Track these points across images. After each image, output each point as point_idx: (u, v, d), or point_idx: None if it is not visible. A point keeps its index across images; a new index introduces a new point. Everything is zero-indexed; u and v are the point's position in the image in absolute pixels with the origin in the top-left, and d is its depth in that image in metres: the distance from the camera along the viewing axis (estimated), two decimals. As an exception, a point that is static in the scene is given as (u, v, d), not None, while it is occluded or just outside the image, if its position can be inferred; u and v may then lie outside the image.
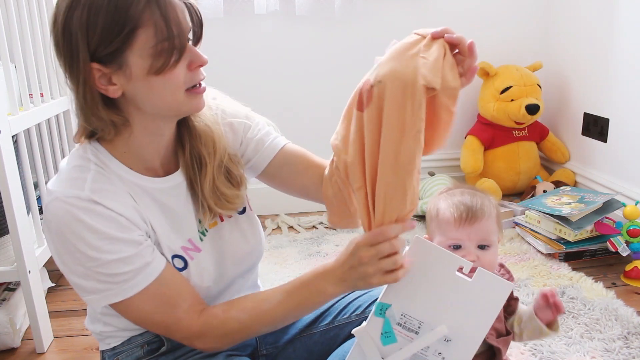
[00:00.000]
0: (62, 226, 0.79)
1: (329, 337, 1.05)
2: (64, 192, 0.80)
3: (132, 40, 0.75)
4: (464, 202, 0.95)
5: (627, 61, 2.00)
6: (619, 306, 1.53)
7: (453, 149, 2.52)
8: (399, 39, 0.86)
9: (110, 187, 0.83)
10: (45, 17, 1.69)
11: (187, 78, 0.81)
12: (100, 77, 0.78)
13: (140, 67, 0.77)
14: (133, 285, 0.82)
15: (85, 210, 0.79)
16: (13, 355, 1.44)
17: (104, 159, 0.85)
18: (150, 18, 0.75)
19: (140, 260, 0.82)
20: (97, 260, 0.80)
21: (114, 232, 0.80)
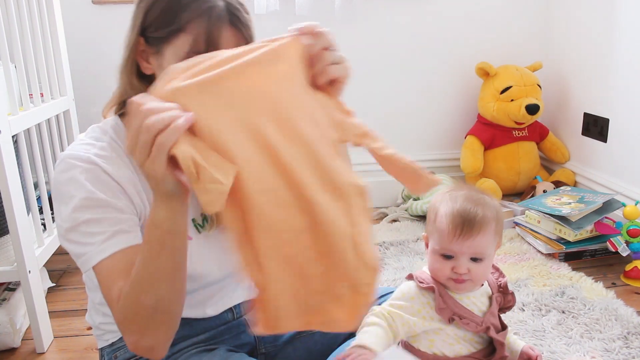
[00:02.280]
0: (57, 183, 0.83)
1: (329, 337, 1.05)
2: (67, 153, 0.84)
3: (173, 39, 0.81)
4: (463, 213, 0.93)
5: (627, 61, 2.00)
6: (619, 306, 1.53)
7: (453, 149, 2.52)
8: (399, 39, 0.85)
9: (116, 158, 0.85)
10: (45, 17, 1.69)
11: None
12: (142, 51, 0.85)
13: (169, 64, 0.80)
14: (104, 248, 0.80)
15: (84, 169, 0.81)
16: (13, 355, 1.44)
17: (121, 134, 0.88)
18: (195, 28, 0.79)
19: (119, 225, 0.82)
20: (80, 218, 0.81)
21: (102, 195, 0.81)
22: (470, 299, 0.96)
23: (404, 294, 0.96)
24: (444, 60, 2.44)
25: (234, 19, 0.81)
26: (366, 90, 2.38)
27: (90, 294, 0.98)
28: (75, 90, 1.92)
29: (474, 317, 0.94)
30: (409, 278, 0.99)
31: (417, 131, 2.50)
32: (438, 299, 0.93)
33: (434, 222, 0.96)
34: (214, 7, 0.80)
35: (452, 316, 0.93)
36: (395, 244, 2.00)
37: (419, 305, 0.94)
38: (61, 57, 1.80)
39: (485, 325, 0.94)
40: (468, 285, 0.95)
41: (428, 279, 0.96)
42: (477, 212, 0.93)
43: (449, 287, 0.96)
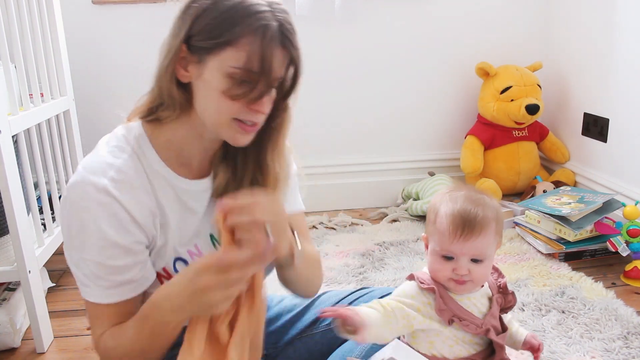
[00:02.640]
0: (73, 212, 0.81)
1: (329, 338, 1.05)
2: (86, 177, 0.81)
3: (219, 51, 0.79)
4: (463, 214, 0.92)
5: (627, 61, 2.00)
6: (618, 306, 1.53)
7: (453, 149, 2.52)
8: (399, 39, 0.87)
9: (134, 181, 0.84)
10: (45, 17, 1.69)
11: (240, 111, 0.82)
12: (182, 58, 0.83)
13: (211, 75, 0.81)
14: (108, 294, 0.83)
15: (97, 202, 0.80)
16: (13, 355, 1.44)
17: (144, 147, 0.87)
18: (247, 44, 0.78)
19: (127, 275, 0.83)
20: (90, 256, 0.81)
21: (114, 234, 0.80)
22: (470, 300, 0.96)
23: (405, 293, 0.96)
24: (444, 60, 2.44)
25: (285, 41, 0.81)
26: (366, 91, 2.38)
27: None
28: (75, 90, 1.92)
29: (474, 318, 0.94)
30: (410, 278, 0.99)
31: (417, 131, 2.50)
32: (438, 300, 0.93)
33: (434, 222, 0.96)
34: (268, 25, 0.79)
35: (452, 317, 0.93)
36: (395, 244, 2.00)
37: (420, 304, 0.94)
38: (61, 57, 1.80)
39: (485, 328, 0.94)
40: (469, 286, 0.94)
41: (429, 280, 0.96)
42: (477, 213, 0.92)
43: (450, 288, 0.96)
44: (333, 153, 2.42)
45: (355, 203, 2.44)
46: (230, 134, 0.84)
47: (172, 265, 0.90)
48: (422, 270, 1.01)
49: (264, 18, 0.79)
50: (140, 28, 2.21)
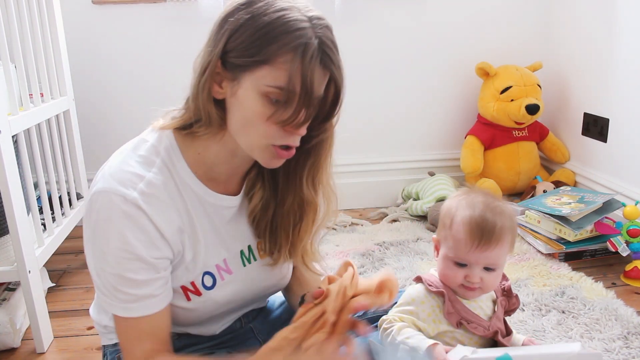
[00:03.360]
0: (98, 221, 0.79)
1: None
2: (114, 187, 0.78)
3: (255, 69, 0.76)
4: (481, 224, 0.90)
5: (627, 61, 2.00)
6: (619, 306, 1.53)
7: (453, 149, 2.52)
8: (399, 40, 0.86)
9: (163, 196, 0.81)
10: (45, 17, 1.69)
11: (276, 135, 0.79)
12: (217, 74, 0.79)
13: (245, 94, 0.78)
14: (124, 308, 0.81)
15: (125, 214, 0.77)
16: (13, 355, 1.44)
17: (174, 157, 0.84)
18: (285, 62, 0.74)
19: (144, 290, 0.81)
20: (112, 267, 0.79)
21: (141, 246, 0.79)
22: (477, 303, 0.96)
23: (414, 299, 0.95)
24: (444, 60, 2.44)
25: (326, 60, 0.76)
26: (366, 91, 2.38)
27: None
28: (75, 90, 1.92)
29: (481, 321, 0.94)
30: (417, 281, 0.99)
31: (418, 131, 2.50)
32: (447, 304, 0.93)
33: (449, 228, 0.93)
34: (308, 44, 0.74)
35: (460, 320, 0.93)
36: (395, 244, 2.00)
37: (429, 309, 0.94)
38: (61, 57, 1.80)
39: (493, 330, 0.94)
40: (478, 292, 0.94)
41: (437, 283, 0.96)
42: (495, 223, 0.90)
43: (458, 292, 0.95)
44: (333, 153, 2.42)
45: (355, 203, 2.44)
46: (264, 157, 0.82)
47: (200, 280, 0.89)
48: (429, 272, 1.00)
49: (303, 35, 0.74)
50: (140, 28, 2.22)
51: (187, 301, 0.88)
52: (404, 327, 0.91)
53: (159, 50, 2.24)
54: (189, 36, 2.19)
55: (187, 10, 2.18)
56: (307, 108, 0.77)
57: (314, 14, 0.78)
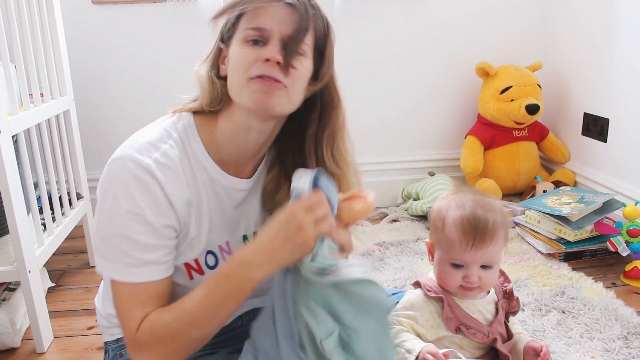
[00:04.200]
0: (111, 184, 0.81)
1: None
2: (130, 153, 0.81)
3: (237, 28, 0.85)
4: (473, 222, 0.89)
5: (627, 61, 2.00)
6: (618, 306, 1.53)
7: (453, 149, 2.52)
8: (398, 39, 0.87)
9: (176, 167, 0.84)
10: (45, 17, 1.69)
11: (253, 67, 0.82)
12: (219, 54, 0.89)
13: (233, 49, 0.85)
14: (130, 273, 0.82)
15: (137, 179, 0.80)
16: (13, 355, 1.44)
17: (190, 135, 0.88)
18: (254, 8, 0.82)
19: (150, 254, 0.82)
20: (119, 229, 0.80)
21: (149, 211, 0.80)
22: (476, 307, 0.95)
23: (413, 304, 0.95)
24: (444, 60, 2.44)
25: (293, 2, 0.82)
26: (366, 91, 2.38)
27: (108, 286, 0.96)
28: (75, 90, 1.92)
29: (480, 326, 0.93)
30: (416, 285, 0.98)
31: (418, 131, 2.50)
32: (446, 309, 0.92)
33: (441, 230, 0.93)
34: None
35: (459, 326, 0.92)
36: (395, 244, 2.00)
37: (428, 314, 0.94)
38: (61, 57, 1.80)
39: (493, 337, 0.93)
40: (477, 291, 0.94)
41: (436, 288, 0.95)
42: (487, 220, 0.90)
43: (457, 294, 0.95)
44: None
45: (355, 203, 2.44)
46: (252, 96, 0.82)
47: (204, 258, 0.90)
48: (427, 277, 1.00)
49: None
50: (140, 28, 2.22)
51: (190, 279, 0.89)
52: (402, 330, 0.91)
53: (159, 50, 2.24)
54: (189, 36, 2.19)
55: (187, 10, 2.18)
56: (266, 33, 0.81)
57: None
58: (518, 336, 1.01)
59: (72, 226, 1.78)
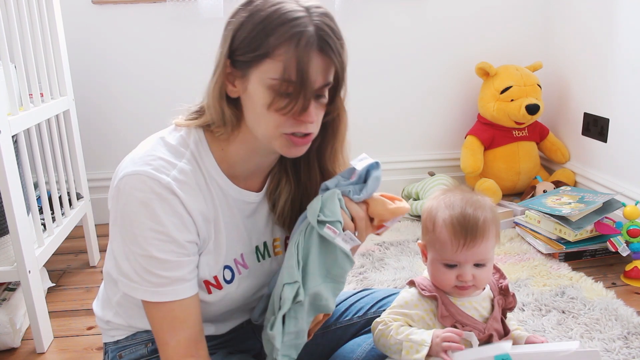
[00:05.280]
0: (131, 203, 0.79)
1: (331, 339, 1.05)
2: (147, 170, 0.80)
3: (258, 64, 0.78)
4: (463, 221, 0.89)
5: (627, 61, 2.00)
6: (619, 306, 1.53)
7: (453, 149, 2.52)
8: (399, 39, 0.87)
9: (193, 184, 0.83)
10: (45, 17, 1.69)
11: (287, 124, 0.80)
12: (229, 73, 0.82)
13: (254, 89, 0.80)
14: (157, 292, 0.81)
15: (159, 197, 0.79)
16: (13, 355, 1.44)
17: (202, 151, 0.86)
18: (282, 54, 0.76)
19: (176, 272, 0.81)
20: (143, 249, 0.79)
21: (173, 229, 0.80)
22: (472, 304, 0.95)
23: (407, 302, 0.95)
24: (444, 60, 2.44)
25: (324, 45, 0.78)
26: (366, 91, 2.38)
27: (108, 290, 0.97)
28: (75, 90, 1.92)
29: (476, 324, 0.93)
30: (410, 284, 0.98)
31: (418, 131, 2.50)
32: (441, 307, 0.92)
33: (432, 231, 0.93)
34: (303, 32, 0.76)
35: (454, 324, 0.92)
36: (395, 244, 2.00)
37: (423, 312, 0.93)
38: (61, 57, 1.80)
39: (488, 333, 0.93)
40: (471, 290, 0.94)
41: (430, 287, 0.95)
42: (477, 217, 0.90)
43: (453, 293, 0.95)
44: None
45: (355, 203, 2.44)
46: (283, 147, 0.83)
47: (222, 273, 0.90)
48: (422, 275, 1.00)
49: (299, 25, 0.76)
50: (140, 28, 2.21)
51: (208, 294, 0.89)
52: (402, 325, 0.91)
53: (158, 50, 2.24)
54: (189, 36, 2.19)
55: (187, 10, 2.18)
56: (305, 96, 0.78)
57: (311, 3, 0.80)
58: (516, 332, 1.01)
59: (72, 226, 1.78)
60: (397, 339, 0.89)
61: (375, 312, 1.08)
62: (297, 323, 0.83)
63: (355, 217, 0.85)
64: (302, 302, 0.81)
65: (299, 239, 0.84)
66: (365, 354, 1.00)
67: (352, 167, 0.89)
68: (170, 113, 0.92)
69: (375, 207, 0.87)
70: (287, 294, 0.80)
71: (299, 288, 0.81)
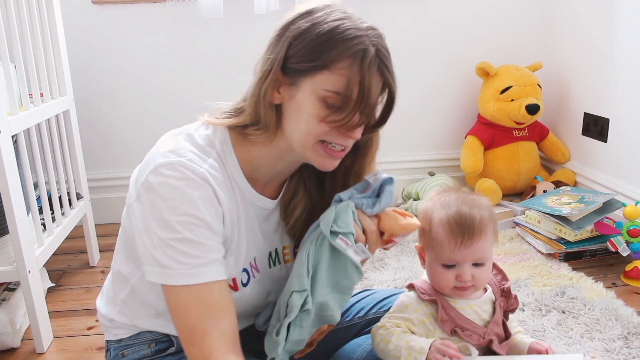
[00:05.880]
0: (165, 189, 0.78)
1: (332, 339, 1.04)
2: (182, 160, 0.80)
3: (315, 74, 0.79)
4: (459, 220, 0.89)
5: (627, 61, 2.00)
6: (619, 306, 1.53)
7: (453, 149, 2.52)
8: (398, 39, 0.88)
9: (222, 181, 0.84)
10: (45, 17, 1.69)
11: (329, 134, 0.82)
12: (276, 79, 0.82)
13: (304, 98, 0.80)
14: (194, 274, 0.79)
15: (196, 184, 0.79)
16: (13, 355, 1.44)
17: (227, 151, 0.87)
18: (343, 68, 0.78)
19: (212, 254, 0.80)
20: (177, 232, 0.78)
21: (207, 214, 0.79)
22: (472, 308, 0.95)
23: (407, 306, 0.95)
24: (444, 60, 2.44)
25: (382, 67, 0.80)
26: (366, 90, 2.38)
27: (115, 287, 0.97)
28: (75, 90, 1.92)
29: (476, 328, 0.93)
30: (410, 288, 0.98)
31: (418, 131, 2.50)
32: (441, 312, 0.92)
33: (429, 232, 0.93)
34: (366, 51, 0.78)
35: (454, 328, 0.91)
36: (395, 244, 2.00)
37: (422, 316, 0.93)
38: (61, 57, 1.80)
39: (488, 338, 0.92)
40: (472, 290, 0.93)
41: (430, 290, 0.95)
42: (474, 216, 0.90)
43: (452, 295, 0.94)
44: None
45: (355, 203, 2.44)
46: (316, 158, 0.85)
47: (240, 276, 0.90)
48: (421, 279, 0.99)
49: (361, 43, 0.78)
50: (140, 28, 2.21)
51: None
52: (404, 332, 0.91)
53: (158, 50, 2.23)
54: (189, 36, 2.19)
55: (187, 10, 2.18)
56: (362, 113, 0.80)
57: (369, 24, 0.82)
58: (518, 336, 1.01)
59: (72, 226, 1.78)
60: (396, 344, 0.89)
61: (376, 312, 1.08)
62: (302, 332, 0.83)
63: (367, 230, 0.85)
64: (309, 310, 0.82)
65: (310, 248, 0.84)
66: (366, 354, 1.00)
67: (366, 180, 0.91)
68: (198, 108, 0.91)
69: (387, 221, 0.88)
70: (295, 302, 0.81)
71: (307, 296, 0.81)
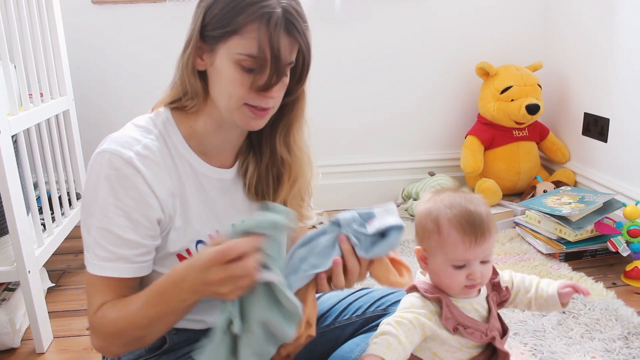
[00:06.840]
0: (92, 177, 0.84)
1: (329, 338, 1.04)
2: (113, 147, 0.84)
3: (227, 40, 0.83)
4: (470, 219, 0.89)
5: (627, 61, 2.00)
6: (619, 306, 1.53)
7: (453, 149, 2.52)
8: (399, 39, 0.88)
9: (157, 160, 0.86)
10: (45, 17, 1.69)
11: (250, 96, 0.85)
12: (198, 47, 0.87)
13: (221, 63, 0.84)
14: (102, 267, 0.83)
15: (119, 172, 0.82)
16: (13, 355, 1.44)
17: (170, 130, 0.90)
18: (252, 31, 0.81)
19: (127, 251, 0.83)
20: (100, 221, 0.82)
21: (132, 204, 0.83)
22: (472, 306, 0.95)
23: (413, 304, 0.93)
24: (444, 60, 2.44)
25: (290, 27, 0.82)
26: (366, 90, 2.38)
27: None
28: (75, 90, 1.92)
29: (478, 325, 0.93)
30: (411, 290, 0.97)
31: (418, 131, 2.50)
32: (445, 310, 0.91)
33: (437, 234, 0.91)
34: (272, 13, 0.81)
35: (456, 326, 0.91)
36: (395, 244, 2.00)
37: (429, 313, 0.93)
38: (61, 57, 1.80)
39: (491, 335, 0.92)
40: (478, 287, 0.94)
41: (432, 288, 0.95)
42: (481, 213, 0.89)
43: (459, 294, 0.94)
44: (333, 153, 2.42)
45: (355, 203, 2.44)
46: (242, 119, 0.87)
47: (194, 247, 0.91)
48: (420, 280, 0.99)
49: (267, 5, 0.81)
50: (140, 28, 2.21)
51: None
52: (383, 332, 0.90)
53: (158, 50, 2.23)
54: (189, 36, 2.19)
55: (187, 10, 2.18)
56: (274, 73, 0.83)
57: None
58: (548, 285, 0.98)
59: (71, 226, 1.78)
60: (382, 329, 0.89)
61: (374, 311, 1.08)
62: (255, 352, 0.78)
63: (348, 271, 0.85)
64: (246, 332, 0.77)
65: None
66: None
67: (372, 211, 0.87)
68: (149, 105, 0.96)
69: (378, 272, 0.88)
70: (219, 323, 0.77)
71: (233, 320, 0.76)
